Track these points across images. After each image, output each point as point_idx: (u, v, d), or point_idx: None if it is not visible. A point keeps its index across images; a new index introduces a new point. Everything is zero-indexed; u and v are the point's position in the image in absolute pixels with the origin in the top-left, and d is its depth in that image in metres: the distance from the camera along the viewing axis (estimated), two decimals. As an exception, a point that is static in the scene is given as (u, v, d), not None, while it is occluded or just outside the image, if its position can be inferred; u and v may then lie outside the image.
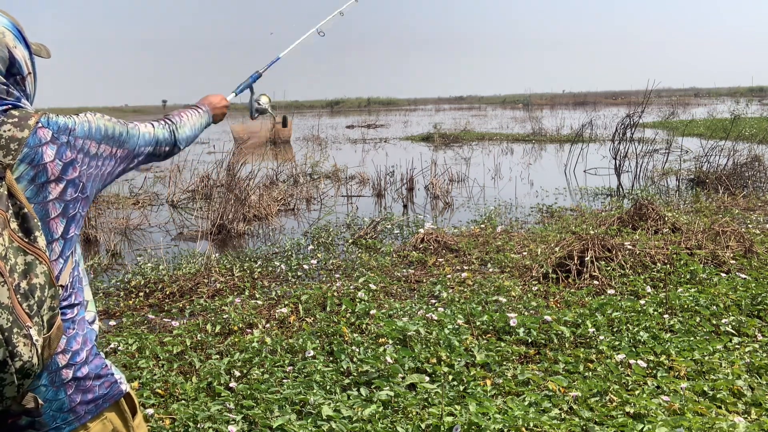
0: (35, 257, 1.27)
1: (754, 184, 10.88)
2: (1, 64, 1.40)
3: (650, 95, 12.14)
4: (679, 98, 56.12)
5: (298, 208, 10.66)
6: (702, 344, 3.80)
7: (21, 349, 1.20)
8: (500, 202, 10.27)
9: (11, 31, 1.43)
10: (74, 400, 1.40)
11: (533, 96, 73.65)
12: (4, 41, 1.41)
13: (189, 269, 6.22)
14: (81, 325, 1.45)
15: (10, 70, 1.42)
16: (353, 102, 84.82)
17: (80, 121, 1.46)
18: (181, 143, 1.79)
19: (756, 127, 19.42)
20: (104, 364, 1.48)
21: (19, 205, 1.28)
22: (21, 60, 1.44)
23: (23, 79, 1.46)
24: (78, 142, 1.43)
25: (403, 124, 37.24)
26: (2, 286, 1.19)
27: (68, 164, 1.40)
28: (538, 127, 24.76)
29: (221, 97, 2.08)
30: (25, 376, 1.23)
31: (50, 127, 1.39)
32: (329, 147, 21.88)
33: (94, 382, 1.44)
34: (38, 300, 1.25)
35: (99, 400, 1.45)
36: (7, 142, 1.32)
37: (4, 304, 1.19)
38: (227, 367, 3.68)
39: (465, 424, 2.88)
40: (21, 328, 1.21)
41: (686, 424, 2.82)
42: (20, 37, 1.46)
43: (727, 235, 6.02)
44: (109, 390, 1.47)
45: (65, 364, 1.39)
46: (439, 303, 4.91)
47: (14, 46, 1.43)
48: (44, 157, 1.36)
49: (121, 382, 1.51)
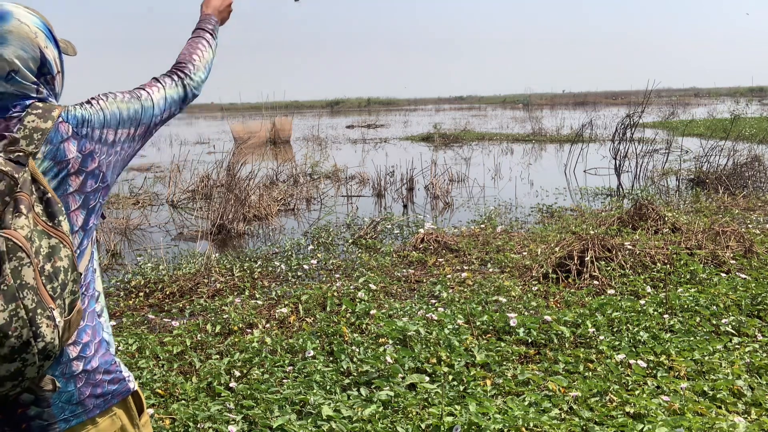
0: (59, 240, 1.29)
1: (754, 184, 10.88)
2: (33, 64, 1.43)
3: (650, 95, 12.15)
4: (679, 98, 56.15)
5: (298, 208, 10.66)
6: (702, 344, 3.80)
7: (44, 330, 1.22)
8: (500, 202, 10.27)
9: (43, 31, 1.45)
10: (83, 393, 1.40)
11: (533, 96, 73.62)
12: (36, 41, 1.43)
13: (189, 269, 6.22)
14: (91, 317, 1.46)
15: (41, 69, 1.44)
16: (353, 102, 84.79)
17: (96, 110, 1.47)
18: (198, 90, 1.71)
19: (756, 127, 19.42)
20: (113, 360, 1.49)
21: (42, 190, 1.30)
22: (51, 60, 1.47)
23: (53, 78, 1.48)
24: (95, 133, 1.45)
25: (403, 124, 37.23)
26: (28, 267, 1.21)
27: (87, 156, 1.42)
28: (538, 127, 24.76)
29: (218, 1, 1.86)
30: (46, 358, 1.25)
31: (70, 121, 1.41)
32: (329, 147, 21.87)
33: (104, 376, 1.45)
34: (61, 283, 1.27)
35: (108, 396, 1.45)
36: (30, 132, 1.35)
37: (29, 285, 1.20)
38: (227, 367, 3.68)
39: (465, 424, 2.88)
40: (45, 309, 1.22)
41: (686, 424, 2.83)
42: (51, 36, 1.48)
43: (727, 235, 6.02)
44: (117, 386, 1.48)
45: (76, 355, 1.40)
46: (439, 303, 4.91)
47: (45, 46, 1.45)
48: (67, 153, 1.38)
49: (129, 379, 1.52)
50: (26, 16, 1.43)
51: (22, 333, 1.19)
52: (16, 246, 1.20)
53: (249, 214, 9.28)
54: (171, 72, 1.68)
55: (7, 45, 1.39)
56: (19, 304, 1.19)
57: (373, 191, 11.82)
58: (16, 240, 1.20)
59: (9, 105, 1.39)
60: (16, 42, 1.40)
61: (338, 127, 35.58)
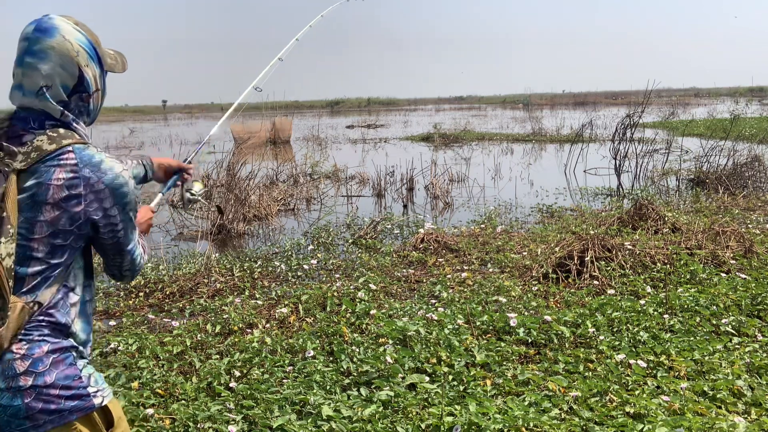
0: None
1: (754, 184, 10.88)
2: (69, 81, 1.43)
3: (650, 95, 12.15)
4: (679, 98, 56.14)
5: (298, 208, 10.66)
6: (702, 344, 3.80)
7: None
8: (500, 202, 10.27)
9: (86, 50, 1.45)
10: (33, 407, 1.37)
11: (533, 96, 73.61)
12: (76, 60, 1.43)
13: (189, 269, 6.22)
14: (54, 335, 1.43)
15: (76, 87, 1.44)
16: (353, 102, 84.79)
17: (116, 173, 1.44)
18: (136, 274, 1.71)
19: (756, 127, 19.42)
20: (77, 375, 1.44)
21: (2, 207, 1.31)
22: (90, 78, 1.47)
23: (89, 96, 1.48)
24: (99, 185, 1.42)
25: (403, 124, 37.23)
26: None
27: (73, 196, 1.39)
28: (538, 127, 24.76)
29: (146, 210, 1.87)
30: None
31: (78, 155, 1.40)
32: (329, 147, 21.88)
33: (61, 392, 1.40)
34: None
35: (64, 412, 1.41)
36: (30, 150, 1.35)
37: None
38: (227, 367, 3.68)
39: (465, 424, 2.88)
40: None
41: (686, 424, 2.82)
42: (94, 54, 1.48)
43: (727, 235, 6.02)
44: (77, 402, 1.43)
45: (24, 370, 1.36)
46: (439, 303, 4.91)
47: (86, 65, 1.45)
48: (52, 178, 1.36)
49: (95, 395, 1.47)
50: (72, 33, 1.43)
51: None
52: None
53: (249, 214, 9.28)
54: None
55: (47, 61, 1.40)
56: None
57: (373, 191, 11.82)
58: None
59: (30, 119, 1.40)
60: (56, 58, 1.40)
61: (338, 127, 35.57)
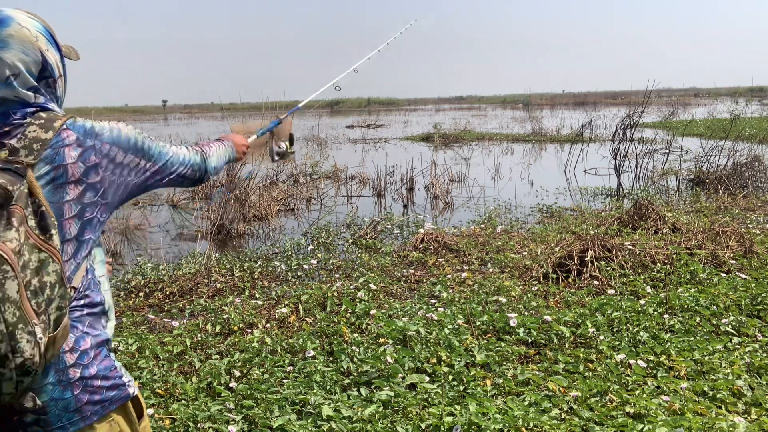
0: (49, 255, 1.28)
1: (754, 184, 10.88)
2: (34, 67, 1.43)
3: (650, 95, 12.15)
4: (679, 98, 56.14)
5: (298, 208, 10.66)
6: (702, 344, 3.80)
7: (23, 346, 1.20)
8: (500, 202, 10.27)
9: (44, 35, 1.46)
10: (81, 400, 1.40)
11: (533, 96, 73.62)
12: (37, 45, 1.43)
13: (189, 269, 6.22)
14: (93, 325, 1.45)
15: (42, 73, 1.45)
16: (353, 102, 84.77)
17: (109, 127, 1.48)
18: (211, 172, 1.84)
19: (756, 127, 19.42)
20: (113, 366, 1.49)
21: (37, 203, 1.29)
22: (53, 63, 1.47)
23: (54, 82, 1.49)
24: (104, 147, 1.45)
25: (403, 124, 37.21)
26: (13, 281, 1.19)
27: (91, 168, 1.42)
28: (538, 127, 24.75)
29: (242, 138, 2.13)
30: (25, 374, 1.23)
31: (75, 130, 1.41)
32: (329, 147, 21.86)
33: (102, 383, 1.44)
34: (47, 298, 1.26)
35: (106, 402, 1.44)
36: (30, 142, 1.35)
37: (12, 299, 1.19)
38: (227, 367, 3.68)
39: (465, 424, 2.88)
40: (26, 324, 1.21)
41: (686, 424, 2.83)
42: (52, 40, 1.49)
43: (727, 235, 6.02)
44: (116, 392, 1.47)
45: (73, 363, 1.39)
46: (439, 303, 4.91)
47: (46, 49, 1.46)
48: (65, 159, 1.38)
49: (129, 385, 1.51)
50: (26, 20, 1.43)
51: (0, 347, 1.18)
52: (2, 258, 1.18)
53: (249, 214, 9.28)
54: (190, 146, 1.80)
55: (8, 49, 1.39)
56: None
57: (373, 191, 11.82)
58: (2, 252, 1.19)
59: (9, 111, 1.39)
60: (17, 45, 1.40)
61: (338, 127, 35.54)
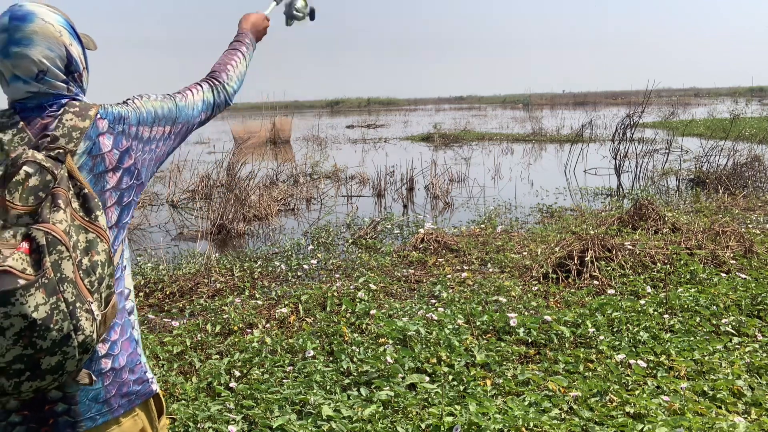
0: (96, 235, 1.29)
1: (754, 184, 10.88)
2: (60, 62, 1.43)
3: (650, 95, 12.16)
4: (679, 98, 56.06)
5: (298, 208, 10.66)
6: (702, 344, 3.80)
7: (84, 323, 1.22)
8: (500, 202, 10.27)
9: (66, 29, 1.45)
10: (110, 391, 1.40)
11: (533, 96, 73.54)
12: (61, 40, 1.43)
13: (189, 269, 6.22)
14: (121, 314, 1.46)
15: (68, 67, 1.45)
16: (353, 102, 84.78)
17: (132, 109, 1.49)
18: (232, 98, 1.77)
19: (756, 127, 19.41)
20: (139, 360, 1.49)
21: (79, 185, 1.31)
22: (76, 57, 1.47)
23: (80, 75, 1.49)
24: (132, 130, 1.46)
25: (403, 124, 37.21)
26: (68, 261, 1.21)
27: (124, 153, 1.44)
28: (538, 127, 24.75)
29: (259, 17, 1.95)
30: (85, 351, 1.25)
31: (107, 117, 1.43)
32: (329, 147, 21.87)
33: (129, 376, 1.45)
34: (99, 277, 1.27)
35: (132, 396, 1.45)
36: (69, 130, 1.36)
37: (69, 278, 1.20)
38: (227, 367, 3.68)
39: (465, 424, 2.88)
40: (83, 302, 1.22)
41: (686, 424, 2.83)
42: (74, 33, 1.48)
43: (727, 235, 6.02)
44: (141, 387, 1.48)
45: (105, 353, 1.40)
46: (439, 303, 4.91)
47: (70, 43, 1.45)
48: (102, 148, 1.40)
49: (152, 381, 1.52)
50: (49, 15, 1.43)
51: (63, 326, 1.19)
52: (56, 239, 1.20)
53: (249, 214, 9.28)
54: (206, 79, 1.73)
55: (34, 46, 1.39)
56: (60, 297, 1.19)
57: (373, 191, 11.82)
58: (55, 234, 1.20)
59: (44, 104, 1.40)
60: (43, 42, 1.40)
61: (338, 127, 35.55)
